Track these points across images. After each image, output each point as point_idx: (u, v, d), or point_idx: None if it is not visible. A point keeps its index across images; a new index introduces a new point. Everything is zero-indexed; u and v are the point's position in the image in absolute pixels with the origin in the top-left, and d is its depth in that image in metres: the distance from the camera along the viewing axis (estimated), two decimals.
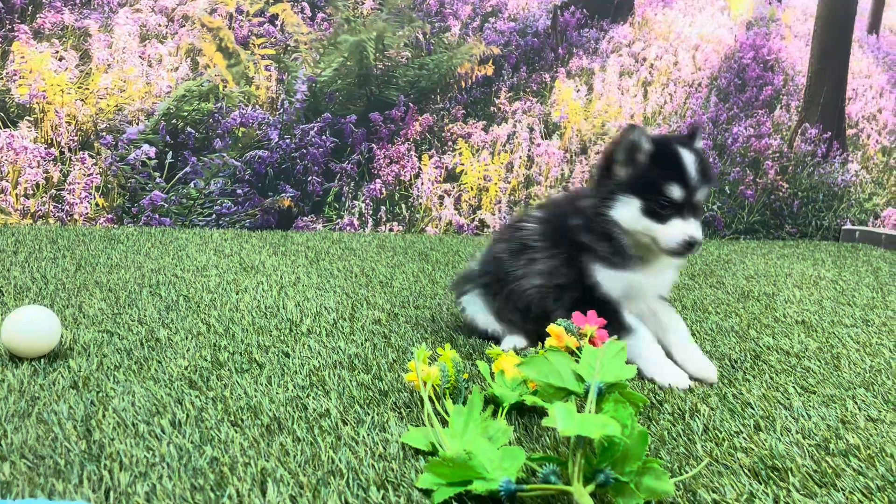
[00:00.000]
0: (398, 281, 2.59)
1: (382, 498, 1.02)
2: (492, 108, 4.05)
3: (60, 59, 3.38)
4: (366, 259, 2.98)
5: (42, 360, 1.49)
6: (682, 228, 1.54)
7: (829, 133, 4.97)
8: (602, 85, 4.31)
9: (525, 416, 1.36)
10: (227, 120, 3.47)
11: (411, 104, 3.83)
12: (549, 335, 1.42)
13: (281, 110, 3.56)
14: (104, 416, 1.24)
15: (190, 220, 3.52)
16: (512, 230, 1.84)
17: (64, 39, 3.37)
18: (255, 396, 1.36)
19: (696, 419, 1.40)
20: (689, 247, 1.54)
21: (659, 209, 1.55)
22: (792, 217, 4.97)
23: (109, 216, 3.47)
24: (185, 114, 3.41)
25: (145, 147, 3.41)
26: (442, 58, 3.85)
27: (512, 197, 4.18)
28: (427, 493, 1.04)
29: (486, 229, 4.14)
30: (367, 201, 3.84)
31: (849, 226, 5.15)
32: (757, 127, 4.74)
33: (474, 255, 2.09)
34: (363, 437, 1.22)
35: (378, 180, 3.84)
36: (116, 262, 2.62)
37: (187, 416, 1.25)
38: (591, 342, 1.39)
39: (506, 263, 1.78)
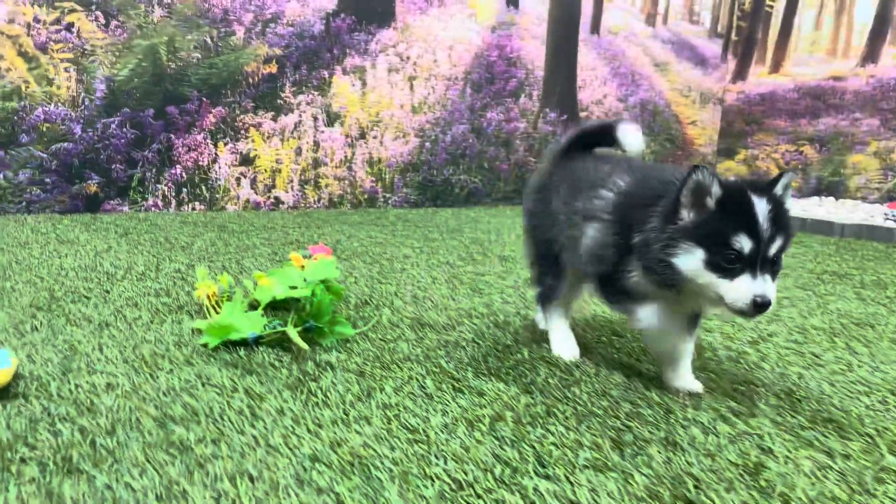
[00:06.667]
0: (197, 245, 3.22)
1: (178, 349, 1.72)
2: (279, 101, 4.71)
3: None
4: (169, 232, 3.57)
5: None
6: (751, 286, 1.36)
7: (566, 116, 6.13)
8: (374, 80, 5.10)
9: (277, 309, 2.11)
10: (32, 117, 3.86)
11: (204, 99, 4.40)
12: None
13: (82, 107, 4.00)
14: None
15: (1, 208, 3.87)
16: (589, 191, 1.67)
17: None
18: (87, 312, 1.99)
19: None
20: (757, 307, 1.36)
21: (725, 263, 1.37)
22: None
23: None
24: None
25: None
26: (230, 58, 4.45)
27: (303, 176, 4.87)
28: (205, 346, 1.75)
29: (280, 205, 4.80)
30: (170, 184, 4.37)
31: None
32: (506, 113, 5.78)
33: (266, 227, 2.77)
34: (165, 329, 1.90)
35: (178, 166, 4.38)
36: None
37: (41, 323, 1.87)
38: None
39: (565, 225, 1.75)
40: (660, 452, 1.28)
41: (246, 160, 4.63)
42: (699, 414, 1.47)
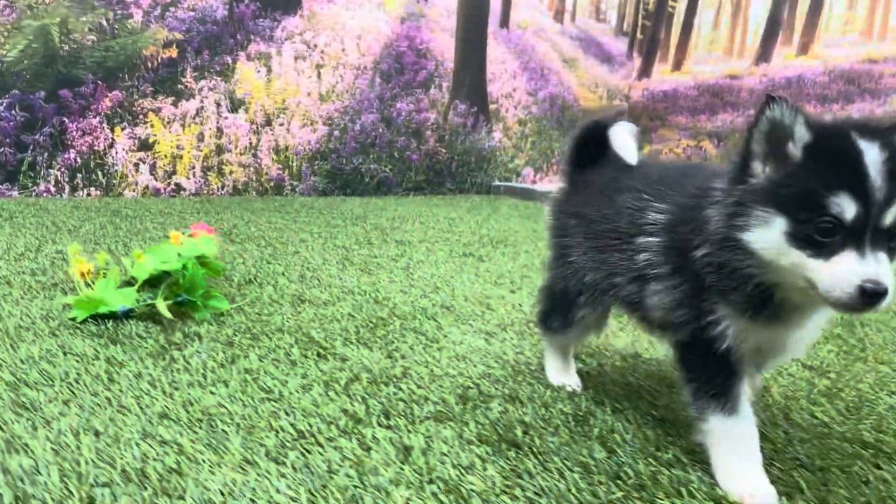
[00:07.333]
0: (85, 228, 3.16)
1: (45, 323, 1.72)
2: (179, 86, 4.64)
3: None
4: (58, 216, 3.48)
5: None
6: (856, 268, 0.96)
7: (476, 108, 6.25)
8: (280, 67, 5.09)
9: (155, 286, 2.11)
10: None
11: (100, 82, 4.30)
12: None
13: None
14: None
15: None
16: (627, 241, 1.29)
17: None
18: None
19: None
20: (867, 297, 0.95)
21: (818, 235, 0.98)
22: (451, 176, 6.19)
23: None
24: None
25: None
26: (127, 41, 4.36)
27: (205, 163, 4.82)
28: (73, 320, 1.75)
29: (182, 192, 4.73)
30: (63, 169, 4.25)
31: (496, 182, 6.52)
32: (416, 103, 5.85)
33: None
34: (35, 304, 1.89)
35: (72, 150, 4.26)
36: None
37: None
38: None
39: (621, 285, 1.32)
40: (500, 405, 1.38)
41: (145, 145, 4.54)
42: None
